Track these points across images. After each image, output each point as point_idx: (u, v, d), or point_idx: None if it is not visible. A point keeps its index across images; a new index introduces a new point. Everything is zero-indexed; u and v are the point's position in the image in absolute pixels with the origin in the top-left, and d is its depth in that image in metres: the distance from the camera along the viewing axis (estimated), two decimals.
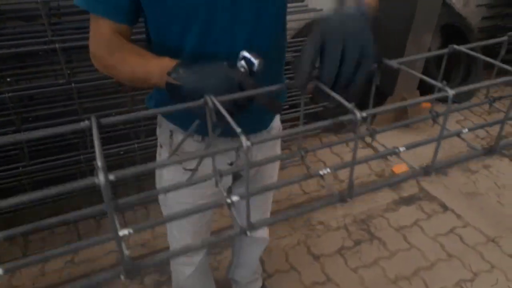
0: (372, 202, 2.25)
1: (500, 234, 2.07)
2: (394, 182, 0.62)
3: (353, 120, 0.49)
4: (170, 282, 1.66)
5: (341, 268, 1.85)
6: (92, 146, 1.76)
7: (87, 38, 0.83)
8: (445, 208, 2.25)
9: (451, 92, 0.53)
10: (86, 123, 0.46)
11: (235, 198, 0.50)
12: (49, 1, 1.65)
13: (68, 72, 1.62)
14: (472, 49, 0.65)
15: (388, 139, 2.37)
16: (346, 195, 0.56)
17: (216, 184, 0.56)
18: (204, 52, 0.84)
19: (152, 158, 1.93)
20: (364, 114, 0.49)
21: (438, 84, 0.57)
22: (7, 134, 1.63)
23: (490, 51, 3.17)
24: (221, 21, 0.82)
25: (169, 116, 0.99)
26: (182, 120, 0.96)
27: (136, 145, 1.83)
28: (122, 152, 1.84)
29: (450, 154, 2.57)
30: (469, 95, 3.20)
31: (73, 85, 1.56)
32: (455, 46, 0.70)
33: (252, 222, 0.49)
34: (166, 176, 1.07)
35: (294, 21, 2.17)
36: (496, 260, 1.93)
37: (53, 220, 0.42)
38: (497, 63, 0.68)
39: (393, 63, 0.63)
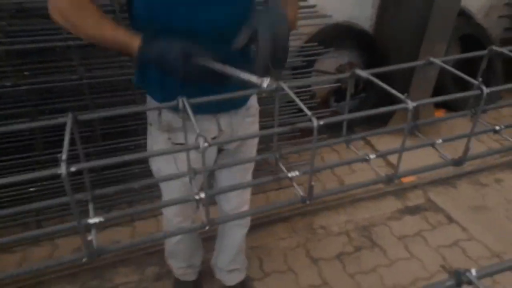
0: (376, 210, 2.25)
1: (505, 250, 2.03)
2: (353, 188, 0.64)
3: (310, 127, 0.52)
4: (170, 275, 1.72)
5: (339, 273, 1.86)
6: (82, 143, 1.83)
7: None
8: (450, 220, 2.23)
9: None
10: (63, 118, 0.50)
11: (202, 195, 0.54)
12: None
13: (82, 68, 1.69)
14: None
15: (390, 144, 2.36)
16: (306, 198, 0.59)
17: (190, 181, 0.60)
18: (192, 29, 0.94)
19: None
20: (321, 122, 0.52)
21: (401, 96, 0.59)
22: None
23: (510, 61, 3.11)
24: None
25: (156, 97, 1.09)
26: (168, 100, 1.03)
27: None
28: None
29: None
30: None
31: (84, 81, 1.64)
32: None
33: (213, 219, 0.53)
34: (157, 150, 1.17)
35: (305, 26, 2.20)
36: (499, 275, 1.90)
37: (9, 211, 0.46)
38: None
39: (363, 73, 0.65)
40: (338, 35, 2.68)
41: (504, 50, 0.67)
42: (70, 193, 0.42)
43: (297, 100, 0.59)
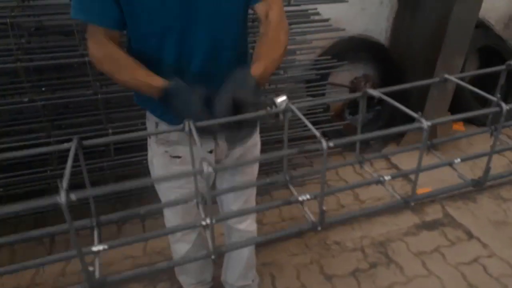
0: (392, 225, 2.20)
1: None
2: (370, 213, 0.62)
3: (320, 149, 0.51)
4: None
5: None
6: (77, 160, 1.85)
7: None
8: (470, 236, 2.16)
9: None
10: (68, 144, 0.50)
11: (209, 221, 0.53)
12: None
13: (98, 83, 1.72)
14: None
15: (408, 160, 2.32)
16: (317, 223, 0.57)
17: (197, 206, 0.59)
18: (182, 61, 1.01)
19: (145, 171, 1.98)
20: (331, 144, 0.51)
21: (415, 115, 0.58)
22: (39, 139, 1.74)
23: None
24: (194, 31, 0.97)
25: (154, 112, 1.14)
26: (165, 114, 1.11)
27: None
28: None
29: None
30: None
31: (99, 96, 1.66)
32: (447, 76, 0.69)
33: (219, 246, 0.52)
34: (155, 162, 1.21)
35: (318, 39, 2.19)
36: None
37: (12, 238, 0.46)
38: None
39: (376, 92, 0.63)
40: (352, 48, 2.66)
41: None
42: (70, 222, 0.42)
43: (306, 122, 0.58)
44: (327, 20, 2.10)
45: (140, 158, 1.88)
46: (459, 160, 0.72)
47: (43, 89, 1.71)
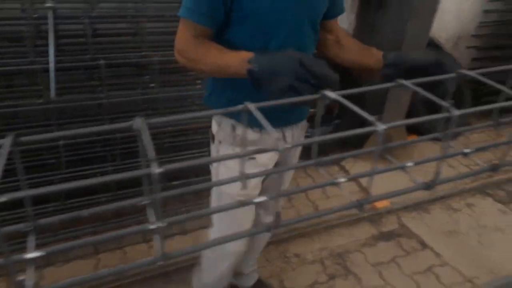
0: (351, 236, 2.23)
1: (477, 275, 2.04)
2: (324, 214, 0.62)
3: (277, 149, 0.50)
4: None
5: None
6: (122, 159, 1.77)
7: (71, 61, 0.95)
8: (424, 245, 2.23)
9: (381, 126, 0.54)
10: (2, 140, 0.46)
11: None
12: (39, 24, 1.69)
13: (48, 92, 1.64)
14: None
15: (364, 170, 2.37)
16: (272, 226, 0.56)
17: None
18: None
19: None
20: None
21: (370, 118, 0.59)
22: None
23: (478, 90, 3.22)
24: (294, 36, 1.06)
25: (230, 114, 1.14)
26: (240, 115, 1.11)
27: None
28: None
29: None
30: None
31: (51, 105, 1.58)
32: (403, 82, 0.71)
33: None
34: (224, 168, 1.18)
35: None
36: None
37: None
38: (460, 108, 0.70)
39: (332, 94, 0.64)
40: None
41: (472, 73, 0.69)
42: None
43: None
44: None
45: (94, 172, 1.81)
46: (411, 163, 0.74)
47: None
